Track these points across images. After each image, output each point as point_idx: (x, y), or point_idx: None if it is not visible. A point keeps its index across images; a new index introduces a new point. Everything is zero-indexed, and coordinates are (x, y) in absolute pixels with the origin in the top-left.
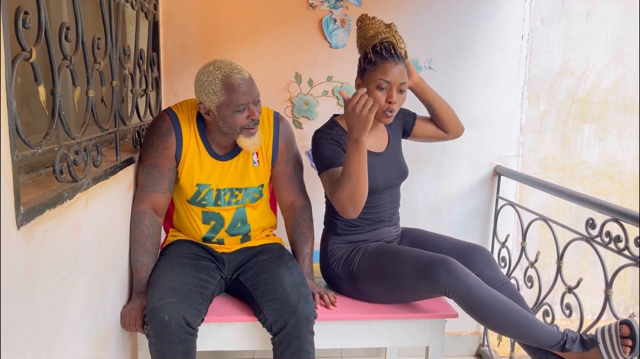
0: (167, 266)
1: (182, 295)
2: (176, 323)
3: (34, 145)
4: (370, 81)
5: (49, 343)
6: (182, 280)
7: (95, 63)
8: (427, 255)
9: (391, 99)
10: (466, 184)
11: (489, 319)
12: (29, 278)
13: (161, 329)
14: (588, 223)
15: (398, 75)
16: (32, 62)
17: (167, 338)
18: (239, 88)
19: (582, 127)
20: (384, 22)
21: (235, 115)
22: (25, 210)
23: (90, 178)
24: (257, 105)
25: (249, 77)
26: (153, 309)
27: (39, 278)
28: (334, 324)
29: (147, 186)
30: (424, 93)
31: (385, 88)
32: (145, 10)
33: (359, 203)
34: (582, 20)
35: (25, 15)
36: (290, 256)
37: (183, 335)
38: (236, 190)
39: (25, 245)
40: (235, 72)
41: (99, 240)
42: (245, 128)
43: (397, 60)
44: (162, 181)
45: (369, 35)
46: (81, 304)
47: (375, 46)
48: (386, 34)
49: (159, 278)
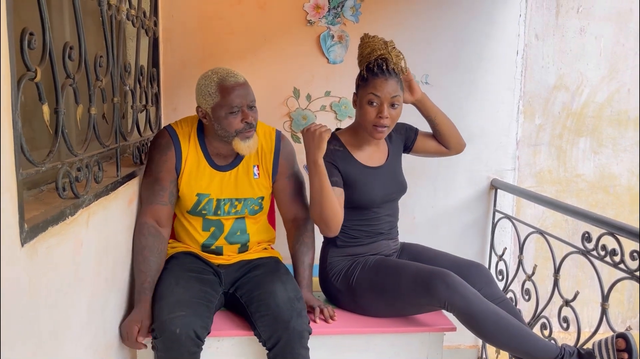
0: (172, 279)
1: (191, 308)
2: (187, 336)
3: (37, 163)
4: (362, 97)
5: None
6: (189, 293)
7: (97, 81)
8: (426, 269)
9: (381, 114)
10: (463, 197)
11: (487, 333)
12: (32, 294)
13: (172, 342)
14: (584, 236)
15: (389, 89)
16: (37, 81)
17: (178, 351)
18: (232, 90)
19: (577, 140)
20: (384, 40)
21: (229, 117)
22: (29, 227)
23: (91, 194)
24: (252, 110)
25: (245, 81)
26: (163, 323)
27: (42, 294)
28: (333, 338)
29: (148, 199)
30: (426, 110)
31: (376, 103)
32: (146, 27)
33: (329, 222)
34: (576, 36)
35: (30, 37)
36: (285, 270)
37: (192, 348)
38: (236, 200)
39: (29, 262)
40: (230, 76)
41: (99, 256)
42: (240, 131)
43: (389, 75)
44: (162, 194)
45: (365, 52)
46: (82, 320)
47: (369, 63)
48: (382, 50)
49: (166, 292)
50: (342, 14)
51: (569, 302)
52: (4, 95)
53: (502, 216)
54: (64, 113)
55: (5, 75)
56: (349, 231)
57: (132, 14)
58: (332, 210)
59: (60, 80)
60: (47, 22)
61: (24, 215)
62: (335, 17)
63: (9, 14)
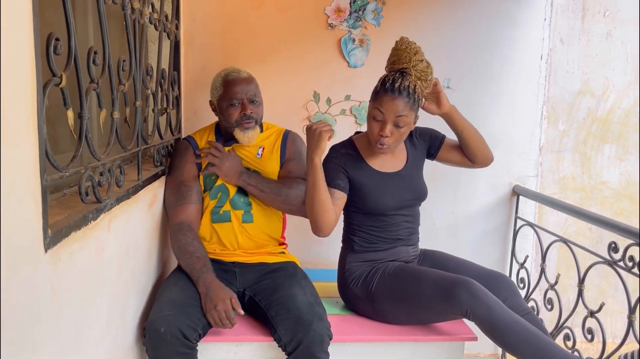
0: (172, 280)
1: (179, 308)
2: (172, 335)
3: (62, 168)
4: (370, 109)
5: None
6: (183, 294)
7: (120, 85)
8: (448, 276)
9: (382, 132)
10: (484, 204)
11: (509, 343)
12: (55, 299)
13: (157, 341)
14: (610, 246)
15: (394, 109)
16: (62, 87)
17: (164, 350)
18: (233, 84)
19: (602, 147)
20: (416, 50)
21: (230, 109)
22: (53, 232)
23: (113, 199)
24: (253, 104)
25: (247, 77)
26: (150, 322)
27: (64, 299)
28: (351, 345)
29: (177, 202)
30: (454, 123)
31: (380, 119)
32: (168, 30)
33: (317, 220)
34: (602, 41)
35: (56, 42)
36: (303, 274)
37: (180, 348)
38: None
39: (52, 267)
40: (234, 72)
41: (120, 260)
42: (239, 122)
43: (398, 94)
44: (190, 194)
45: (391, 61)
46: (103, 322)
47: (386, 76)
48: (405, 64)
49: (163, 292)
50: (363, 17)
51: (594, 313)
52: (30, 101)
53: (524, 224)
54: (87, 118)
55: (32, 81)
56: (366, 236)
57: (155, 17)
58: (321, 209)
59: (85, 85)
60: (72, 27)
61: (48, 221)
62: (357, 20)
63: (35, 21)
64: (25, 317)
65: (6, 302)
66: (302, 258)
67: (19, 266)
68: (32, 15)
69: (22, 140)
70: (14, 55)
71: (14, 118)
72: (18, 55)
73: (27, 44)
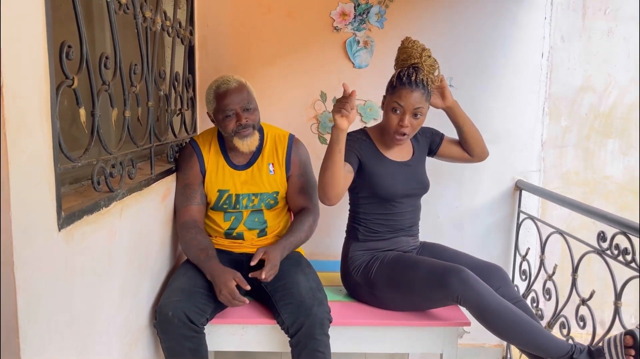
0: (182, 270)
1: (186, 294)
2: (179, 320)
3: (74, 158)
4: (388, 103)
5: (85, 332)
6: (191, 282)
7: (132, 87)
8: (441, 264)
9: (402, 122)
10: (488, 198)
11: (499, 328)
12: (67, 273)
13: (166, 325)
14: (599, 236)
15: (412, 101)
16: (74, 88)
17: (172, 333)
18: (224, 96)
19: (605, 142)
20: (422, 47)
21: (225, 120)
22: (66, 215)
23: (125, 189)
24: (248, 112)
25: (237, 86)
26: (160, 307)
27: (77, 274)
28: (351, 329)
29: (182, 203)
30: (456, 117)
31: (399, 112)
32: (181, 36)
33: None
34: (603, 37)
35: (68, 49)
36: (307, 262)
37: (188, 332)
38: (252, 195)
39: (65, 246)
40: (224, 83)
41: (133, 245)
42: (236, 132)
43: (415, 87)
44: (194, 196)
45: (401, 58)
46: (115, 301)
47: (400, 71)
48: (416, 59)
49: (173, 280)
50: (367, 20)
51: (585, 301)
52: (45, 99)
53: (525, 217)
54: (99, 116)
55: (46, 82)
56: (371, 225)
57: (167, 24)
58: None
59: (97, 87)
60: (84, 36)
61: (62, 204)
62: (361, 23)
63: (49, 29)
64: (39, 284)
65: (20, 268)
66: (309, 250)
67: (34, 241)
68: (45, 26)
69: (37, 133)
70: (30, 59)
71: (30, 114)
72: (34, 59)
73: (41, 50)
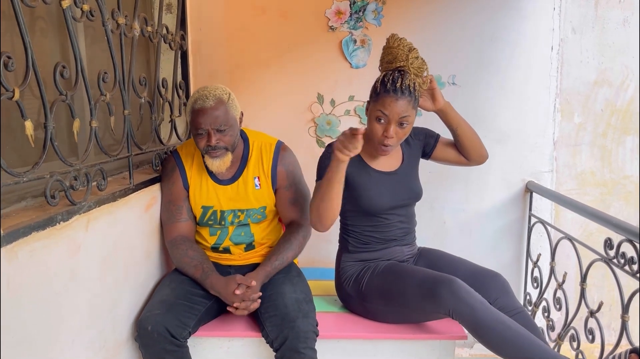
0: (167, 281)
1: (168, 307)
2: (159, 334)
3: (17, 174)
4: (372, 111)
5: (43, 348)
6: (174, 294)
7: (102, 95)
8: (432, 275)
9: (387, 133)
10: (496, 201)
11: (493, 343)
12: (11, 293)
13: (146, 339)
14: (606, 243)
15: (398, 110)
16: (17, 100)
17: (153, 348)
18: (197, 114)
19: (623, 139)
20: (409, 47)
21: (197, 137)
22: (7, 233)
23: (92, 201)
24: (220, 133)
25: (214, 105)
26: (140, 320)
27: (25, 293)
28: (341, 342)
29: (168, 220)
30: (449, 119)
31: (384, 121)
32: (169, 41)
33: (323, 219)
34: (619, 28)
35: (7, 59)
36: (297, 271)
37: (169, 346)
38: (238, 211)
39: (7, 264)
40: (200, 99)
41: (105, 258)
42: (206, 151)
43: (401, 94)
44: (179, 212)
45: (386, 60)
46: (82, 318)
47: (385, 76)
48: (402, 62)
49: (156, 292)
50: (364, 18)
51: (594, 313)
52: None
53: (536, 221)
54: (53, 127)
55: None
56: (360, 236)
57: (149, 30)
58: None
59: (52, 97)
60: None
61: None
62: (357, 21)
63: None
64: None
65: None
66: (305, 257)
67: None
68: None
69: None
70: None
71: None
72: None
73: None
